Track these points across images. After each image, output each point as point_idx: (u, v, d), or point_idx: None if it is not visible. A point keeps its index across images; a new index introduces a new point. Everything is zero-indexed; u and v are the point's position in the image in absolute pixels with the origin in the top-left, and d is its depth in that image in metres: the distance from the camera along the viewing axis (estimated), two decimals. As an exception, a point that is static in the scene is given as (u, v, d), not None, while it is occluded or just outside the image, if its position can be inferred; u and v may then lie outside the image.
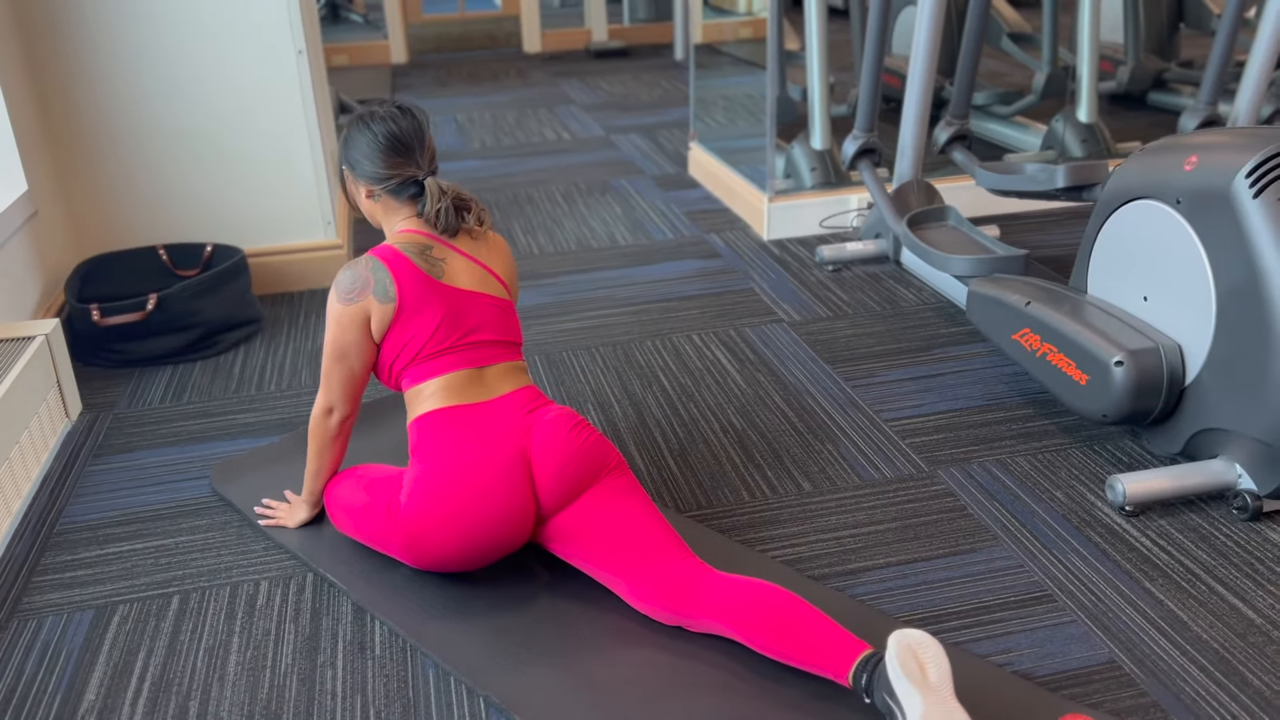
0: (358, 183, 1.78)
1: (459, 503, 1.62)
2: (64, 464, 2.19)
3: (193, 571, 1.83)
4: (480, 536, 1.64)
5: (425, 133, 1.77)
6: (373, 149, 1.73)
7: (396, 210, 1.77)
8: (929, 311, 2.73)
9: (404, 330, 1.71)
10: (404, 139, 1.74)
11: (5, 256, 2.41)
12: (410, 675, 1.58)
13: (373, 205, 1.79)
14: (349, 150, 1.77)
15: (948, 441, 2.12)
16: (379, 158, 1.74)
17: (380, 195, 1.76)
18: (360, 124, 1.75)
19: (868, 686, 1.38)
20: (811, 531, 1.86)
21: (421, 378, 1.72)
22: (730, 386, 2.39)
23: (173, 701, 1.54)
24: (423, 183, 1.76)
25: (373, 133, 1.73)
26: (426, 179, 1.76)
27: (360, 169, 1.75)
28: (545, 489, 1.65)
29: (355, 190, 1.80)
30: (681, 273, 3.09)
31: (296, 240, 3.04)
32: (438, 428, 1.68)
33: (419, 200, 1.76)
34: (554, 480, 1.64)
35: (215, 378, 2.54)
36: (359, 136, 1.74)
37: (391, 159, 1.73)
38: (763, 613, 1.49)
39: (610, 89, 5.78)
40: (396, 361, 1.74)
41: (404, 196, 1.76)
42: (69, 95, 2.76)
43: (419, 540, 1.66)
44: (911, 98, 2.88)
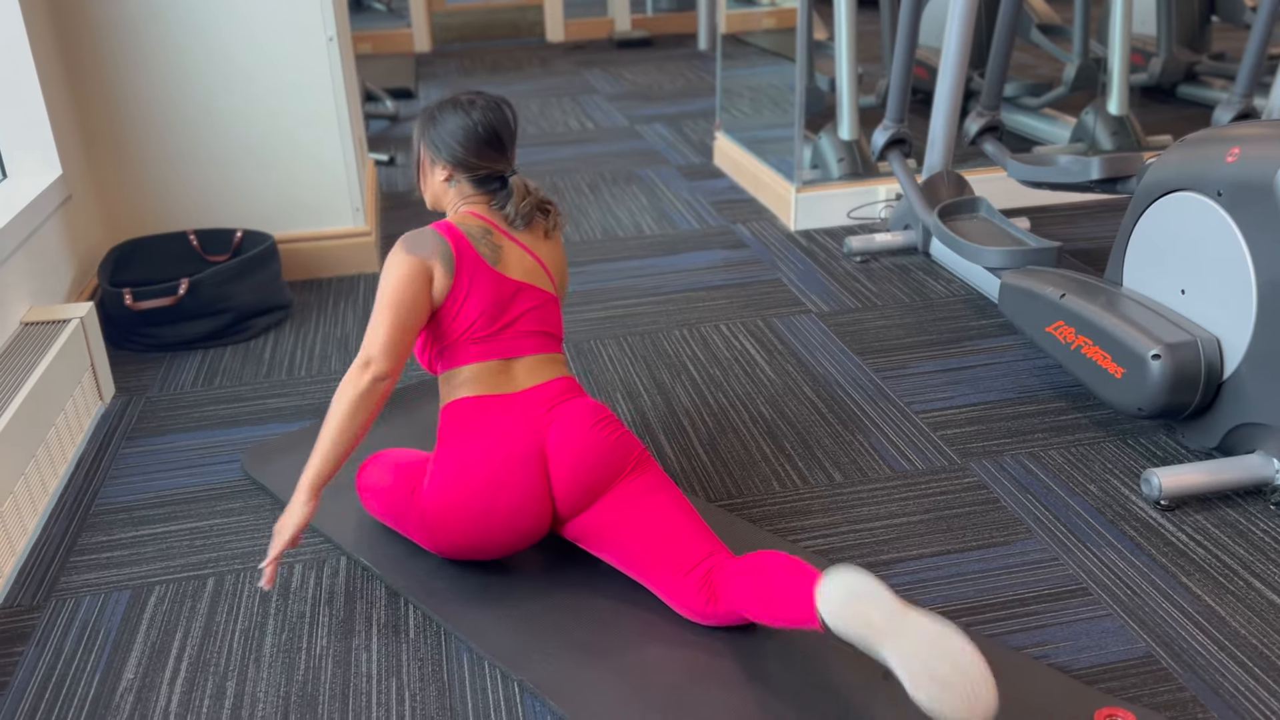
0: (438, 163, 1.76)
1: (470, 493, 1.63)
2: (98, 446, 2.21)
3: (227, 554, 1.84)
4: (491, 528, 1.65)
5: (515, 130, 1.78)
6: (470, 137, 1.73)
7: (468, 198, 1.78)
8: (958, 303, 2.72)
9: (451, 309, 1.71)
10: (501, 133, 1.75)
11: (40, 240, 2.43)
12: (444, 659, 1.59)
13: (444, 189, 1.78)
14: (439, 130, 1.75)
15: (979, 434, 2.11)
16: (474, 146, 1.73)
17: (459, 181, 1.76)
18: (457, 109, 1.74)
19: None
20: (843, 522, 1.86)
21: (456, 362, 1.73)
22: (759, 377, 2.39)
23: (210, 681, 1.56)
24: (508, 179, 1.76)
25: (472, 120, 1.72)
26: (512, 176, 1.77)
27: (450, 152, 1.74)
28: (560, 485, 1.64)
29: (430, 170, 1.79)
30: (708, 263, 3.08)
31: (325, 227, 3.05)
32: (463, 416, 1.68)
33: (496, 196, 1.77)
34: (569, 477, 1.63)
35: (246, 363, 2.55)
36: (453, 120, 1.73)
37: (486, 150, 1.73)
38: (748, 582, 1.49)
39: (634, 79, 5.77)
40: (439, 342, 1.74)
41: (485, 189, 1.77)
42: (102, 80, 2.78)
43: (435, 526, 1.67)
44: (943, 88, 2.87)
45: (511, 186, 1.76)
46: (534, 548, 1.79)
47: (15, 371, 2.03)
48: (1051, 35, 4.22)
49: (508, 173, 1.77)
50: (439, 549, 1.71)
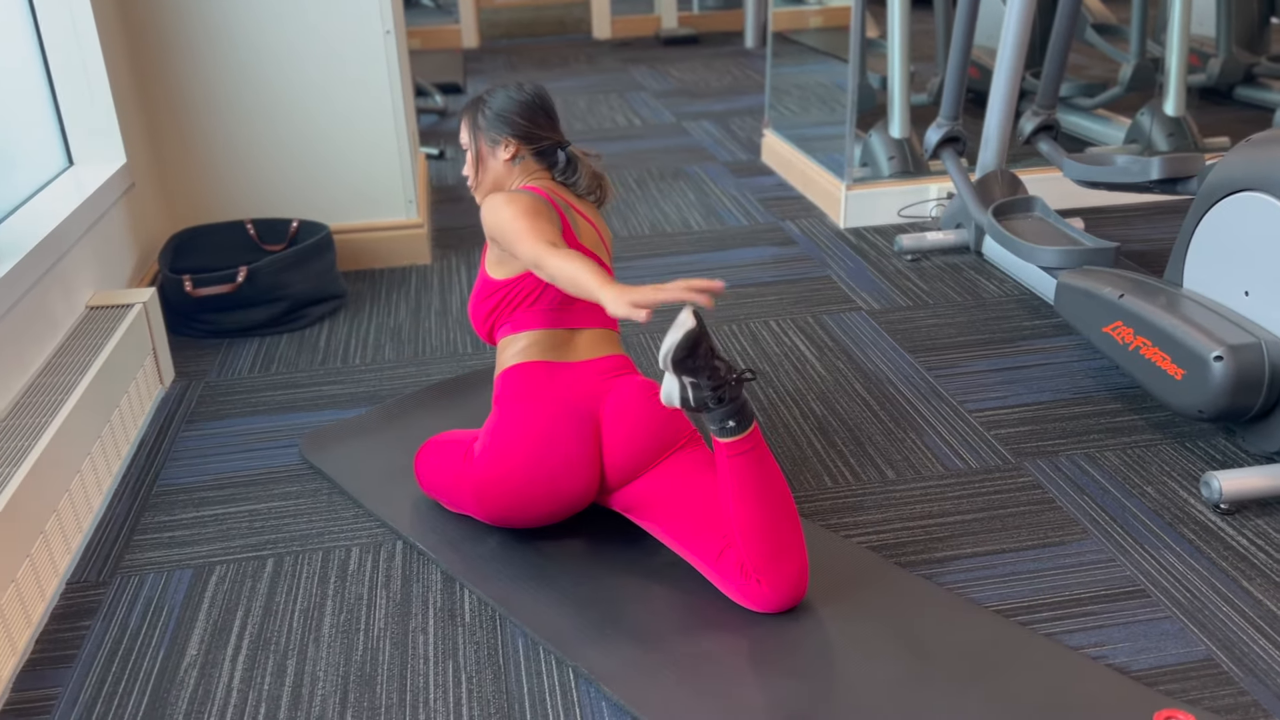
0: (502, 142, 1.80)
1: (524, 453, 1.67)
2: (159, 429, 2.25)
3: (285, 536, 1.88)
4: (542, 492, 1.68)
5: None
6: (531, 110, 1.79)
7: (531, 173, 1.82)
8: (1011, 303, 2.70)
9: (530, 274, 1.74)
10: (549, 104, 1.84)
11: (104, 227, 2.48)
12: (500, 643, 1.60)
13: (509, 169, 1.81)
14: (492, 111, 1.80)
15: (1034, 434, 2.09)
16: (533, 117, 1.80)
17: (524, 157, 1.80)
18: (502, 90, 1.81)
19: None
20: (896, 519, 1.85)
21: (517, 328, 1.75)
22: (809, 373, 2.39)
23: (271, 660, 1.59)
24: (567, 150, 1.81)
25: (527, 95, 1.80)
26: (569, 147, 1.83)
27: (511, 126, 1.79)
28: (612, 454, 1.67)
29: (490, 156, 1.81)
30: (757, 259, 3.08)
31: (379, 218, 3.08)
32: (520, 381, 1.71)
33: (555, 169, 1.82)
34: (621, 446, 1.67)
35: (301, 350, 2.59)
36: (504, 97, 1.80)
37: (543, 119, 1.80)
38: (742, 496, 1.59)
39: (680, 76, 5.77)
40: (507, 300, 1.75)
41: (547, 161, 1.82)
42: (164, 71, 2.83)
43: (487, 489, 1.70)
44: (998, 86, 2.84)
45: (572, 154, 1.81)
46: (585, 532, 1.81)
47: (82, 354, 2.08)
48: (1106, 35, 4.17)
49: (565, 144, 1.82)
50: (489, 513, 1.73)
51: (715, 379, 1.52)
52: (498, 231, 1.66)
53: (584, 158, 1.84)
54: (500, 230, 1.65)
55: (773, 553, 1.56)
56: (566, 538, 1.80)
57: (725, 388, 1.53)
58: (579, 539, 1.80)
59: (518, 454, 1.68)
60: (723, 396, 1.53)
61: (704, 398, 1.53)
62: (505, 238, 1.63)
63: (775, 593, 1.57)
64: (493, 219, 1.67)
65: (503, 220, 1.64)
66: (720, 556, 1.61)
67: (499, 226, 1.65)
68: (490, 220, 1.68)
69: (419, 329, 2.68)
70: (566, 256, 1.50)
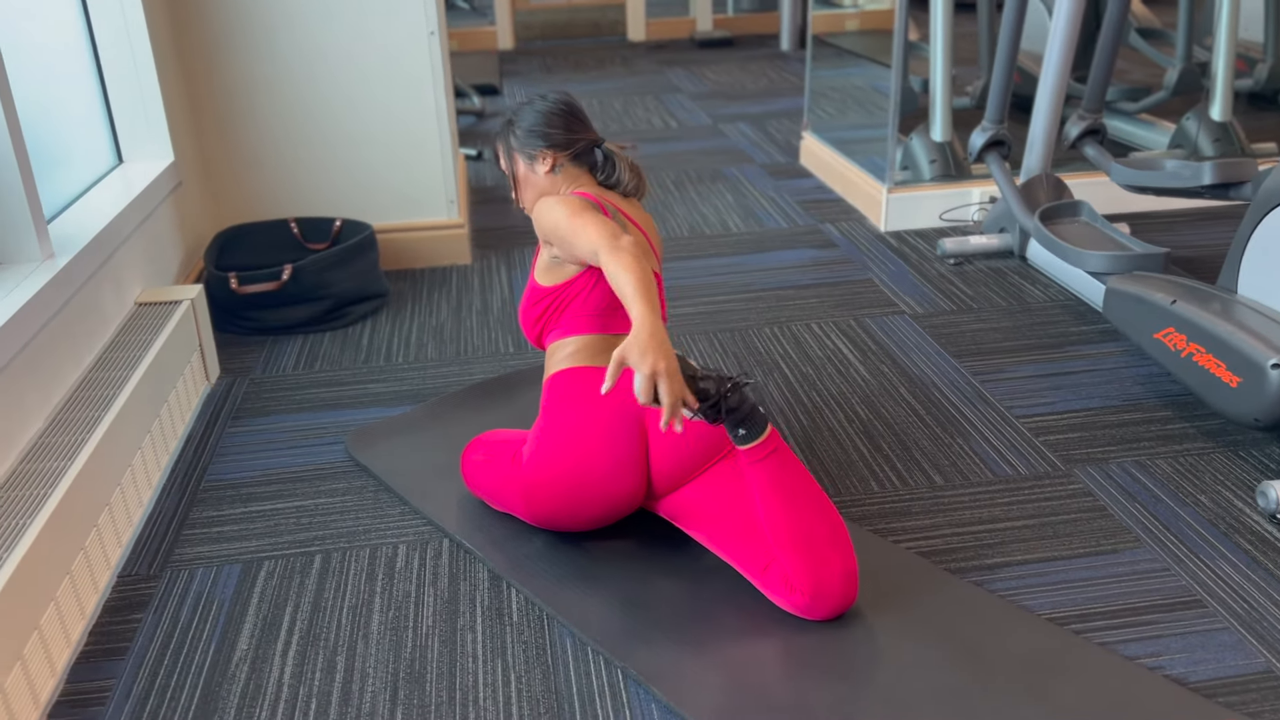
0: (539, 156, 1.80)
1: (571, 459, 1.67)
2: (205, 424, 2.27)
3: (333, 532, 1.89)
4: (589, 496, 1.68)
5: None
6: (558, 117, 1.80)
7: (574, 179, 1.81)
8: (1057, 308, 2.67)
9: (590, 276, 1.74)
10: (576, 107, 1.84)
11: (153, 224, 2.51)
12: (548, 643, 1.60)
13: (551, 180, 1.81)
14: (523, 127, 1.81)
15: (1083, 441, 2.07)
16: (563, 123, 1.80)
17: (563, 166, 1.80)
18: (528, 105, 1.83)
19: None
20: (945, 525, 1.84)
21: (566, 333, 1.76)
22: (853, 376, 2.37)
23: (320, 655, 1.59)
24: (602, 148, 1.81)
25: (549, 103, 1.81)
26: (604, 144, 1.83)
27: (544, 137, 1.79)
28: (658, 460, 1.67)
29: (530, 173, 1.82)
30: (797, 261, 3.07)
31: (421, 218, 3.10)
32: (568, 386, 1.71)
33: (596, 169, 1.82)
34: (667, 452, 1.66)
35: (344, 348, 2.61)
36: (531, 112, 1.81)
37: (574, 122, 1.80)
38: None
39: (716, 78, 5.77)
40: (557, 306, 1.76)
41: (584, 164, 1.82)
42: (211, 70, 2.86)
43: (534, 493, 1.71)
44: (1045, 89, 2.82)
45: (608, 152, 1.82)
46: (631, 533, 1.81)
47: (132, 349, 2.10)
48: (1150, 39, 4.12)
49: (599, 142, 1.82)
50: (535, 516, 1.73)
51: (706, 398, 1.52)
52: (553, 232, 1.65)
53: (620, 153, 1.84)
54: (556, 230, 1.64)
55: (811, 559, 1.55)
56: (612, 539, 1.80)
57: (720, 402, 1.52)
58: (625, 540, 1.80)
59: (566, 459, 1.68)
60: (720, 409, 1.53)
61: (704, 417, 1.54)
62: (561, 236, 1.63)
63: (820, 601, 1.56)
64: (548, 219, 1.67)
65: (558, 219, 1.64)
66: (766, 570, 1.60)
67: (554, 227, 1.65)
68: (545, 221, 1.67)
69: (460, 328, 2.69)
70: (626, 263, 1.49)
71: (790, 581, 1.57)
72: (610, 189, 1.85)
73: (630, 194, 1.85)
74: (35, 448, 1.73)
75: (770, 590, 1.60)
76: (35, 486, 1.62)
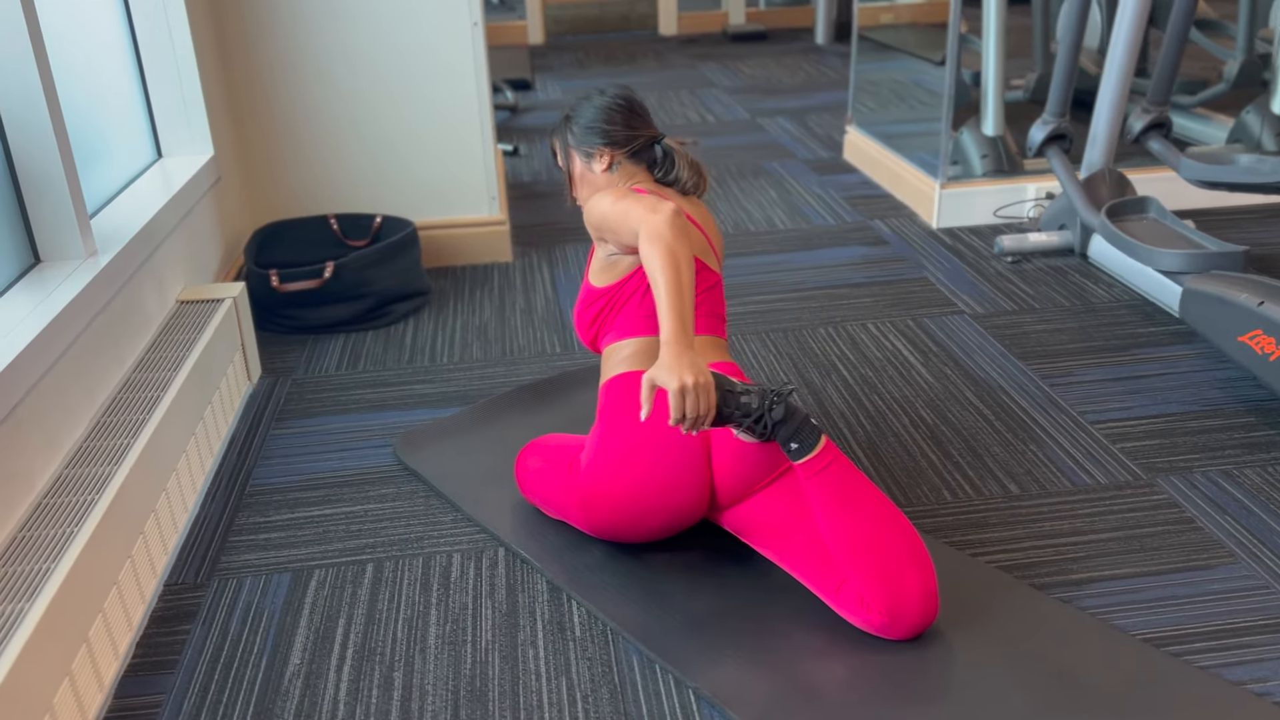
0: (594, 155, 1.75)
1: (631, 467, 1.59)
2: (249, 426, 2.21)
3: (384, 540, 1.82)
4: (649, 506, 1.61)
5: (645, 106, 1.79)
6: (617, 113, 1.74)
7: (631, 177, 1.74)
8: (1123, 309, 2.57)
9: (634, 276, 1.67)
10: (636, 104, 1.77)
11: (193, 220, 2.45)
12: (614, 660, 1.53)
13: (609, 180, 1.75)
14: (581, 124, 1.76)
15: (1164, 448, 1.98)
16: (623, 119, 1.74)
17: (621, 163, 1.73)
18: (587, 101, 1.77)
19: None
20: (1025, 537, 1.75)
21: (622, 335, 1.69)
22: (915, 379, 2.29)
23: (376, 671, 1.53)
24: (662, 144, 1.74)
25: (608, 99, 1.75)
26: (664, 140, 1.75)
27: (602, 135, 1.74)
28: (722, 470, 1.59)
29: (587, 171, 1.76)
30: (848, 259, 2.98)
31: (462, 215, 3.03)
32: (625, 392, 1.64)
33: (654, 166, 1.76)
34: (731, 462, 1.58)
35: (388, 348, 2.54)
36: (590, 109, 1.76)
37: (634, 119, 1.74)
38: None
39: (751, 72, 5.67)
40: (611, 307, 1.69)
41: (643, 161, 1.75)
42: (250, 64, 2.80)
43: (593, 503, 1.63)
44: (1109, 82, 2.72)
45: (668, 148, 1.75)
46: (693, 544, 1.73)
47: (174, 349, 2.04)
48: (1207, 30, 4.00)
49: (659, 138, 1.75)
50: (594, 526, 1.66)
51: (749, 413, 1.45)
52: (602, 223, 1.60)
53: (680, 149, 1.76)
54: (604, 220, 1.59)
55: (886, 576, 1.46)
56: (674, 550, 1.73)
57: (764, 416, 1.45)
58: (688, 552, 1.72)
59: (626, 469, 1.60)
60: (766, 424, 1.45)
61: (751, 435, 1.47)
62: (610, 225, 1.57)
63: (898, 620, 1.47)
64: (596, 212, 1.62)
65: (604, 209, 1.59)
66: (840, 589, 1.51)
67: (602, 217, 1.59)
68: (594, 215, 1.62)
69: (505, 328, 2.62)
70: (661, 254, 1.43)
71: (865, 600, 1.49)
72: (668, 186, 1.77)
73: (689, 192, 1.77)
74: (80, 452, 1.67)
75: (845, 610, 1.51)
76: (81, 492, 1.56)
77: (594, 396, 2.23)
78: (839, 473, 1.48)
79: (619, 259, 1.68)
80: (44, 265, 1.84)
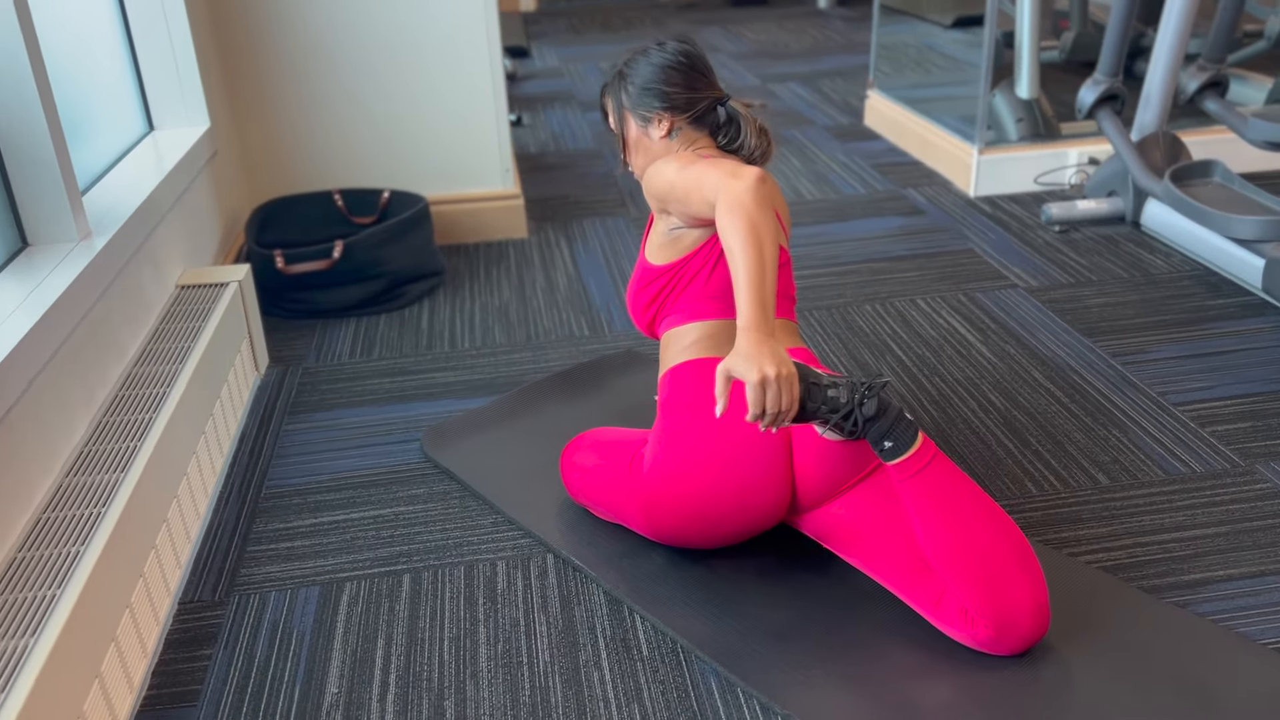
0: (651, 119, 1.56)
1: (705, 471, 1.42)
2: (259, 421, 2.03)
3: (419, 547, 1.65)
4: (725, 513, 1.44)
5: (708, 60, 1.59)
6: (677, 72, 1.54)
7: (692, 143, 1.56)
8: (1186, 280, 2.42)
9: (713, 252, 1.51)
10: (700, 60, 1.57)
11: (191, 198, 2.26)
12: (689, 683, 1.37)
13: (667, 146, 1.57)
14: (636, 83, 1.56)
15: (1258, 431, 1.83)
16: (684, 79, 1.54)
17: (681, 129, 1.55)
18: (644, 56, 1.57)
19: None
20: (1124, 533, 1.60)
21: (686, 318, 1.52)
22: (976, 359, 2.13)
23: (425, 701, 1.37)
24: (727, 106, 1.55)
25: (668, 55, 1.54)
26: (729, 102, 1.56)
27: (661, 97, 1.54)
28: (805, 469, 1.43)
29: (644, 136, 1.58)
30: (885, 230, 2.82)
31: (474, 189, 2.85)
32: (691, 381, 1.47)
33: (718, 131, 1.56)
34: (816, 460, 1.42)
35: (403, 332, 2.37)
36: (653, 66, 1.55)
37: (695, 78, 1.54)
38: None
39: (755, 37, 5.48)
40: (673, 287, 1.52)
41: (706, 126, 1.56)
42: (246, 28, 2.60)
43: (659, 506, 1.47)
44: (1165, 38, 2.55)
45: (735, 111, 1.55)
46: (764, 549, 1.57)
47: (178, 339, 1.86)
48: (1241, -14, 3.83)
49: (723, 99, 1.56)
50: (658, 531, 1.50)
51: (836, 408, 1.29)
52: (669, 195, 1.43)
53: (746, 112, 1.58)
54: (671, 190, 1.42)
55: (992, 586, 1.31)
56: (743, 556, 1.57)
57: (854, 411, 1.30)
58: (758, 557, 1.57)
59: (697, 470, 1.43)
60: (856, 420, 1.29)
61: (840, 430, 1.32)
62: (678, 195, 1.41)
63: (1006, 634, 1.32)
64: (660, 182, 1.45)
65: (670, 177, 1.42)
66: (939, 601, 1.36)
67: (669, 187, 1.43)
68: (658, 185, 1.45)
69: (527, 309, 2.45)
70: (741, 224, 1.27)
71: (969, 613, 1.34)
72: (733, 153, 1.60)
73: (756, 160, 1.60)
74: (83, 457, 1.50)
75: (946, 624, 1.36)
76: (86, 505, 1.39)
77: (635, 384, 2.07)
78: (938, 473, 1.33)
79: (683, 234, 1.51)
80: (33, 249, 1.65)
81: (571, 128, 3.96)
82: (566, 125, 3.99)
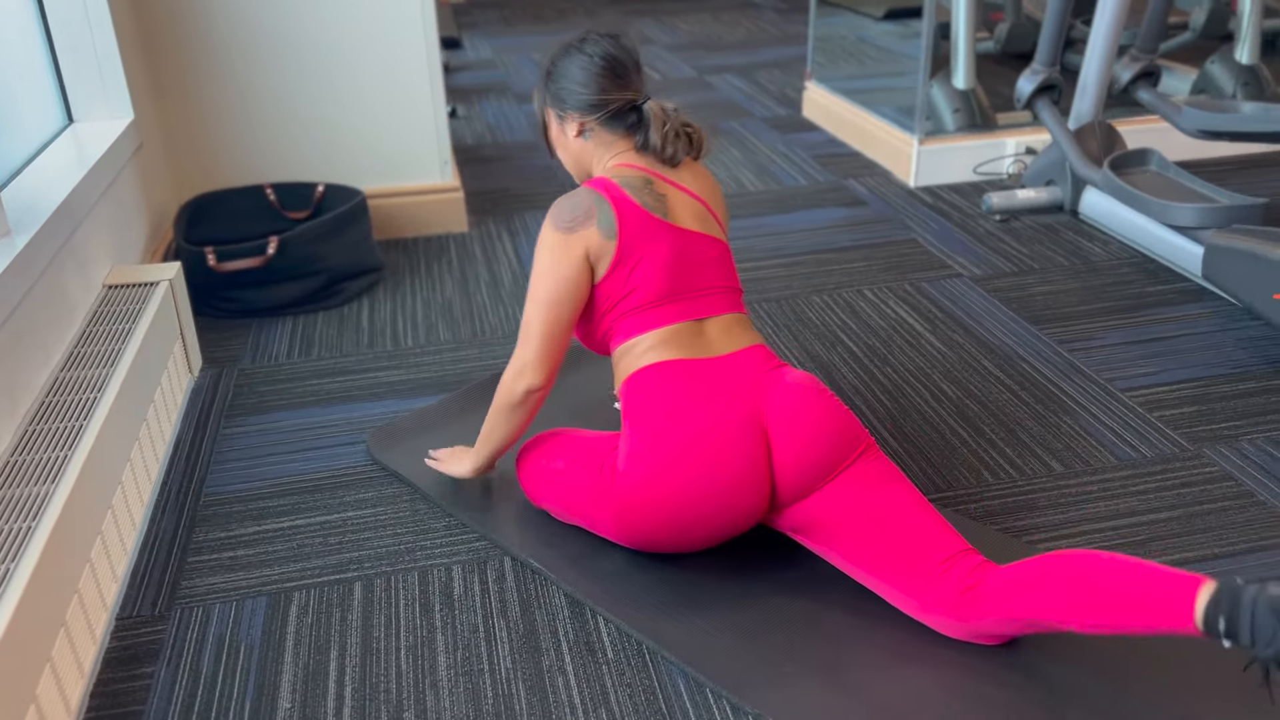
0: (567, 118, 1.55)
1: (683, 473, 1.39)
2: (194, 426, 1.95)
3: (369, 553, 1.60)
4: (704, 515, 1.41)
5: (638, 57, 1.55)
6: (587, 73, 1.52)
7: (610, 146, 1.55)
8: (1125, 267, 2.46)
9: (622, 275, 1.48)
10: (620, 60, 1.54)
11: (116, 192, 2.15)
12: (657, 685, 1.35)
13: (582, 146, 1.56)
14: (558, 82, 1.55)
15: (1203, 415, 1.87)
16: (593, 82, 1.52)
17: (593, 130, 1.54)
18: (569, 51, 1.55)
19: (1229, 623, 1.10)
20: (1080, 520, 1.62)
21: (636, 330, 1.49)
22: (926, 348, 2.14)
23: (383, 713, 1.32)
24: (642, 108, 1.52)
25: (586, 55, 1.52)
26: (646, 104, 1.52)
27: (573, 99, 1.53)
28: (784, 467, 1.41)
29: (562, 132, 1.57)
30: (828, 221, 2.82)
31: (411, 182, 2.78)
32: (658, 384, 1.44)
33: (636, 132, 1.53)
34: (795, 457, 1.40)
35: (343, 330, 2.29)
36: (569, 64, 1.54)
37: (608, 82, 1.52)
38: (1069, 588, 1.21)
39: (689, 29, 5.46)
40: (611, 313, 1.50)
41: (621, 127, 1.54)
42: (170, 15, 2.49)
43: (633, 513, 1.43)
44: (1101, 27, 2.59)
45: (647, 113, 1.53)
46: (731, 545, 1.55)
47: (107, 341, 1.77)
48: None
49: (640, 101, 1.54)
50: (633, 539, 1.47)
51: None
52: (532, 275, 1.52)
53: (661, 112, 1.54)
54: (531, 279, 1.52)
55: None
56: (710, 552, 1.55)
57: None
58: (727, 554, 1.54)
59: (675, 470, 1.40)
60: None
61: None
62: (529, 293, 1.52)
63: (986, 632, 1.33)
64: (535, 258, 1.52)
65: (534, 277, 1.51)
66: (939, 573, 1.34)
67: (532, 274, 1.52)
68: (535, 256, 1.51)
69: (471, 305, 2.39)
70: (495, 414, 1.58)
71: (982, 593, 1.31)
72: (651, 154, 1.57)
73: (674, 162, 1.56)
74: (9, 469, 1.41)
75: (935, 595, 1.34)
76: (15, 519, 1.31)
77: (587, 380, 2.03)
78: None
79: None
80: (-52, 249, 1.55)
81: (508, 119, 3.89)
82: (502, 117, 3.93)
